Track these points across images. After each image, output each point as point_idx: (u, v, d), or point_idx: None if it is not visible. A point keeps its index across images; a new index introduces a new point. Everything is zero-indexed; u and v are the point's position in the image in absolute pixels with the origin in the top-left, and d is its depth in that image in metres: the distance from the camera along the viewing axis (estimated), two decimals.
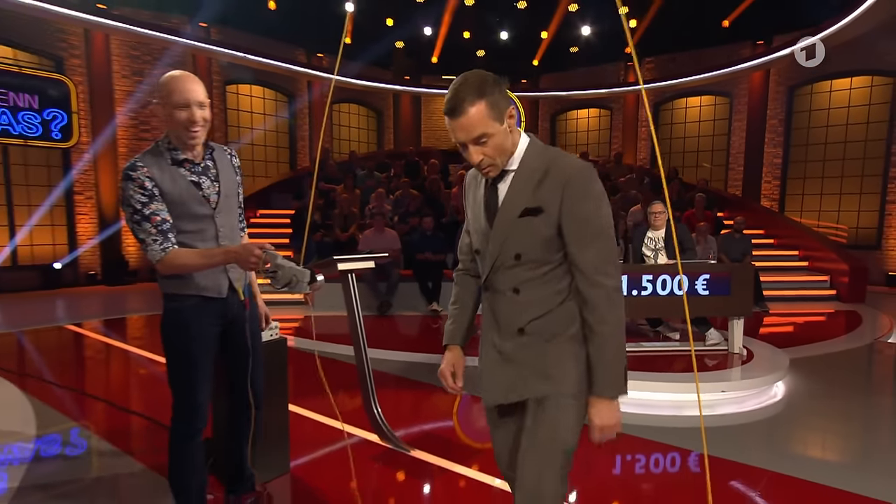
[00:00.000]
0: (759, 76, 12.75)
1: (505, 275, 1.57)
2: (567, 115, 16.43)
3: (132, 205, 1.98)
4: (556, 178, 1.48)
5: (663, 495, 2.89)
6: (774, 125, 12.85)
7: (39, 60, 10.51)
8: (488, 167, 1.51)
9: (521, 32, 13.68)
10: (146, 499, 2.75)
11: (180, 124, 2.02)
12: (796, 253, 9.93)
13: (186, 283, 2.12)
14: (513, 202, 1.53)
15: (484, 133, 1.43)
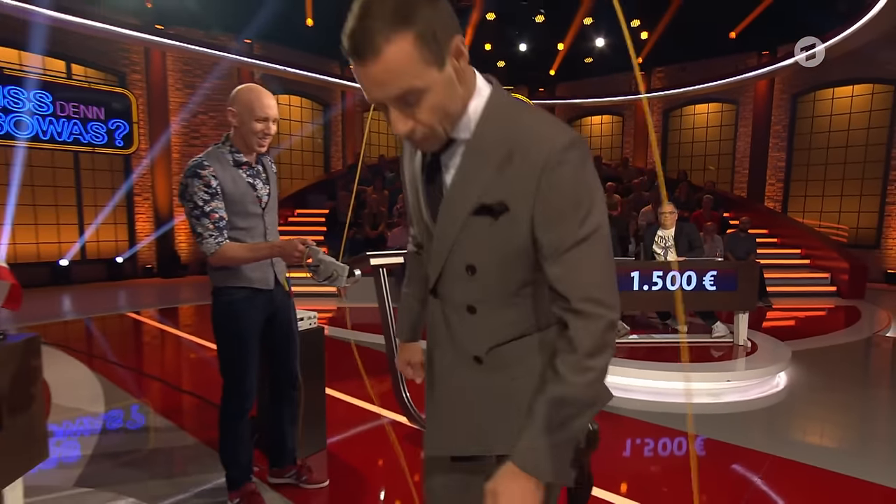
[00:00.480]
0: (763, 84, 12.48)
1: (456, 287, 1.04)
2: (581, 121, 16.29)
3: (195, 201, 2.04)
4: (528, 159, 0.89)
5: (665, 475, 2.88)
6: (778, 130, 12.58)
7: (105, 76, 10.77)
8: (424, 139, 0.91)
9: (539, 44, 13.60)
10: (199, 469, 2.82)
11: (255, 133, 2.10)
12: (798, 251, 9.73)
13: (238, 276, 2.17)
14: (463, 192, 0.94)
15: (412, 88, 0.83)
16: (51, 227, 10.28)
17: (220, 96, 11.97)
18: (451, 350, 1.10)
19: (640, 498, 2.54)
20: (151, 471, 2.82)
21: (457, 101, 0.89)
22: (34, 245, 10.08)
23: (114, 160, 10.92)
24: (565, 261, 0.90)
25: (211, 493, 2.56)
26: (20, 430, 1.85)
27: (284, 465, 2.59)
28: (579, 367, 0.90)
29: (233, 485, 2.36)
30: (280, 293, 2.33)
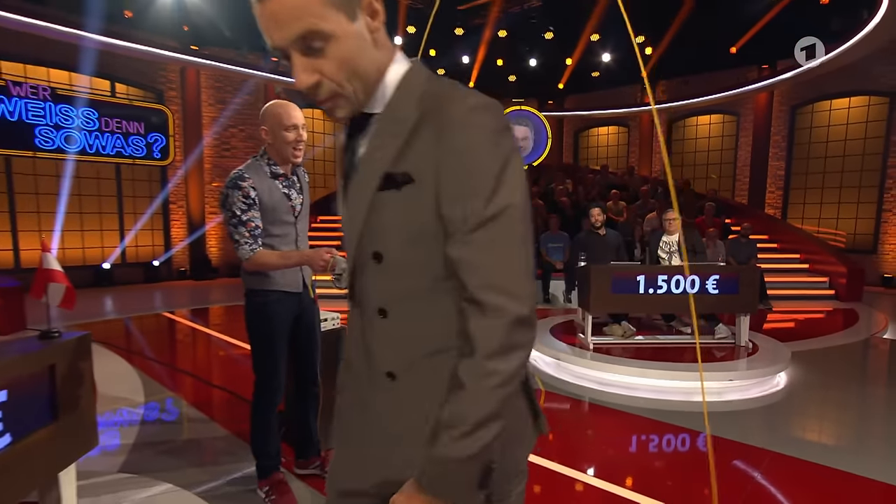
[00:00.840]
0: (763, 97, 12.36)
1: (367, 283, 0.86)
2: (589, 131, 16.24)
3: (233, 210, 2.09)
4: (434, 121, 0.75)
5: (670, 470, 2.88)
6: (778, 141, 12.44)
7: (145, 94, 10.98)
8: (331, 98, 0.80)
9: (548, 59, 13.59)
10: (230, 459, 2.88)
11: (288, 143, 2.14)
12: (798, 256, 9.57)
13: (271, 280, 2.22)
14: (371, 166, 0.80)
15: (315, 29, 0.72)
16: (95, 232, 10.49)
17: (249, 111, 12.14)
18: (365, 367, 0.90)
19: (645, 491, 2.54)
20: (187, 459, 2.88)
21: (369, 61, 0.78)
22: (80, 249, 10.30)
23: (152, 171, 11.12)
24: (467, 242, 0.74)
25: (241, 480, 2.61)
26: (73, 420, 1.92)
27: (309, 457, 2.62)
28: (479, 370, 0.73)
29: (262, 474, 2.40)
30: (306, 296, 2.38)
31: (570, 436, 3.29)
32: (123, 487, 2.51)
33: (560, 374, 4.52)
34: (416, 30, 12.39)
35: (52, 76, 9.68)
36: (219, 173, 11.97)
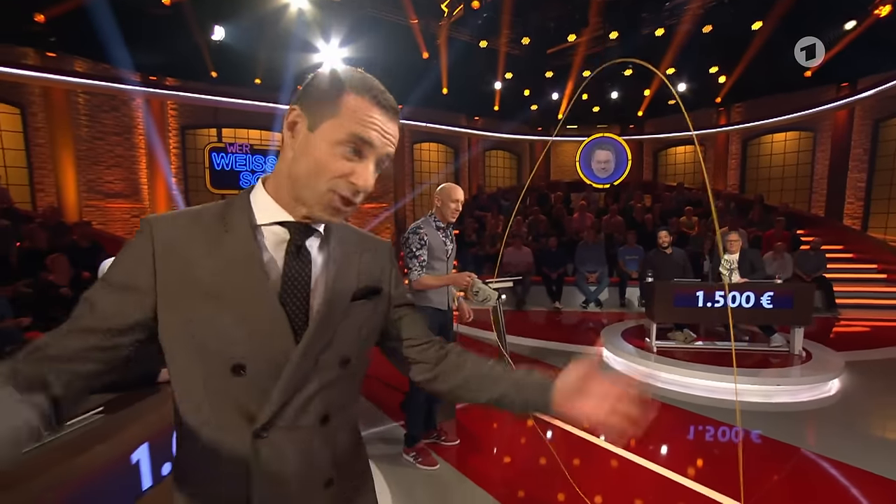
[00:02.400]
0: (843, 114, 10.98)
1: (313, 397, 0.74)
2: (667, 150, 15.40)
3: (411, 248, 2.66)
4: (368, 246, 0.86)
5: (713, 458, 2.97)
6: (859, 154, 10.97)
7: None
8: (356, 204, 0.76)
9: (628, 92, 13.16)
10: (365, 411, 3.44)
11: (452, 211, 2.71)
12: (875, 266, 8.49)
13: (428, 298, 2.72)
14: (345, 278, 0.79)
15: (391, 155, 0.78)
16: None
17: None
18: (295, 483, 0.75)
19: (692, 475, 2.70)
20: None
21: None
22: None
23: None
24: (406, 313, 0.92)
25: (379, 436, 3.16)
26: None
27: (429, 430, 3.05)
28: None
29: (410, 443, 2.84)
30: (449, 313, 2.85)
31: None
32: None
33: (628, 372, 4.60)
34: (512, 76, 12.66)
35: (251, 134, 11.40)
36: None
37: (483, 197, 12.18)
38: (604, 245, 8.57)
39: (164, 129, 9.97)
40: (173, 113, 10.35)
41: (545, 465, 2.82)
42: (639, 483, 2.61)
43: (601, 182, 12.90)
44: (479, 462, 2.86)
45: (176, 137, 10.45)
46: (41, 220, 6.36)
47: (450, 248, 2.78)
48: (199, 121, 10.72)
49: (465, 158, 15.12)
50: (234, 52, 9.25)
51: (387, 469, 2.70)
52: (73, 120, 8.81)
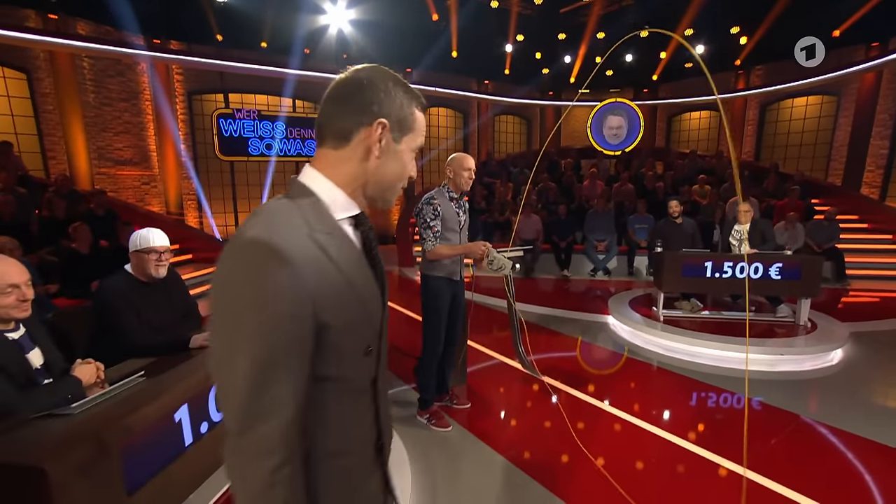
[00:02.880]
0: (871, 76, 10.60)
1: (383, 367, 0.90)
2: (681, 116, 15.05)
3: (425, 218, 2.70)
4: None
5: (716, 424, 3.11)
6: (883, 119, 10.66)
7: (315, 106, 12.33)
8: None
9: (643, 55, 12.79)
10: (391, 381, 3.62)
11: (465, 180, 2.74)
12: (889, 237, 8.42)
13: (442, 268, 2.79)
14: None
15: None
16: None
17: None
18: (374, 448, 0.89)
19: (694, 439, 2.85)
20: None
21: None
22: None
23: None
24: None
25: (393, 399, 3.33)
26: None
27: (441, 394, 3.20)
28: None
29: (424, 405, 2.99)
30: (461, 283, 2.93)
31: (640, 392, 3.61)
32: None
33: (635, 340, 4.73)
34: (524, 38, 12.32)
35: (258, 100, 11.32)
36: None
37: (493, 163, 12.08)
38: (613, 213, 8.56)
39: (170, 94, 9.92)
40: (179, 78, 10.26)
41: (552, 427, 2.98)
42: (643, 446, 2.76)
43: (612, 149, 12.72)
44: (490, 424, 3.03)
45: (183, 103, 10.41)
46: (54, 189, 6.48)
47: (463, 219, 2.83)
48: (206, 86, 10.64)
49: (474, 124, 14.91)
50: (239, 14, 9.09)
51: (402, 430, 2.87)
52: (80, 85, 8.79)
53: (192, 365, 1.84)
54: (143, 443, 1.51)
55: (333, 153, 0.83)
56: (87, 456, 1.30)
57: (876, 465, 2.55)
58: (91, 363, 1.60)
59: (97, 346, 1.96)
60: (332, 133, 0.82)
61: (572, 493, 2.28)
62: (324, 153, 0.84)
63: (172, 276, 2.28)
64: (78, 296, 4.19)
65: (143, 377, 1.65)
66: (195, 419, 1.76)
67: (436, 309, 2.81)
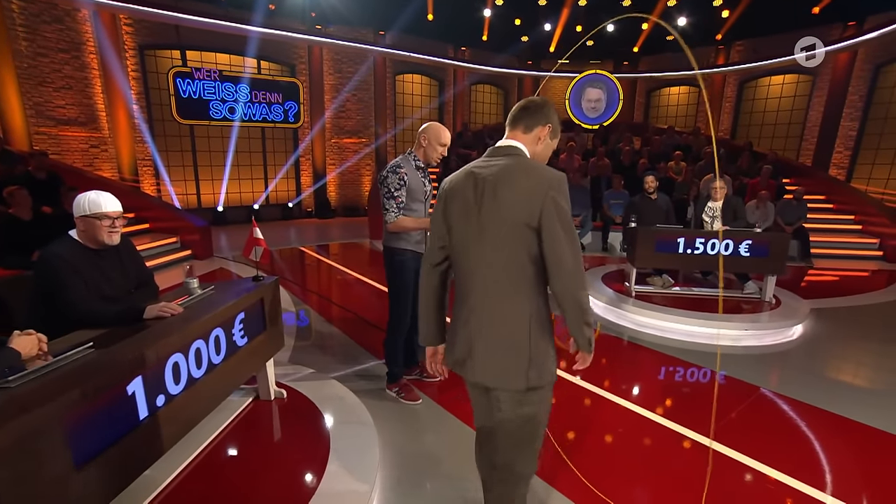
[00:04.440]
0: (846, 56, 10.93)
1: None
2: (661, 91, 15.21)
3: (389, 187, 2.62)
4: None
5: (684, 397, 3.25)
6: (854, 101, 11.08)
7: (281, 68, 11.83)
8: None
9: (625, 24, 12.71)
10: (347, 350, 3.65)
11: (437, 154, 2.68)
12: (852, 217, 8.85)
13: (407, 241, 2.75)
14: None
15: None
16: (247, 181, 11.88)
17: (361, 78, 12.68)
18: None
19: (663, 412, 2.98)
20: (321, 354, 3.68)
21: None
22: (238, 194, 11.76)
23: (287, 132, 12.16)
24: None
25: (362, 373, 3.35)
26: (273, 330, 2.69)
27: (410, 366, 3.23)
28: None
29: (392, 379, 3.00)
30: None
31: (610, 367, 3.72)
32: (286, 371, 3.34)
33: (607, 315, 4.87)
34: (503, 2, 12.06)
35: (219, 59, 10.75)
36: (336, 132, 12.81)
37: (468, 134, 11.97)
38: (589, 188, 8.66)
39: (118, 47, 9.29)
40: (128, 30, 9.62)
41: None
42: (613, 420, 2.87)
43: (590, 122, 12.77)
44: (459, 396, 3.07)
45: (134, 58, 9.79)
46: None
47: (428, 188, 2.79)
48: (160, 40, 10.01)
49: (450, 92, 14.68)
50: None
51: (371, 403, 2.89)
52: (9, 31, 8.05)
53: (146, 336, 1.77)
54: (92, 416, 1.46)
55: (522, 135, 1.48)
56: (27, 429, 1.25)
57: (829, 434, 2.73)
58: (32, 334, 1.52)
59: (39, 317, 1.87)
60: (524, 124, 1.48)
61: (541, 466, 2.36)
62: (515, 133, 1.49)
63: (125, 245, 2.18)
64: (19, 265, 3.97)
65: (92, 349, 1.59)
66: (151, 392, 1.71)
67: (402, 284, 2.79)
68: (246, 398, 2.75)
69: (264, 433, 2.49)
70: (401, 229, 2.68)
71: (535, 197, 1.30)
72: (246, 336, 2.38)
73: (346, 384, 3.09)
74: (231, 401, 2.68)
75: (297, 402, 2.80)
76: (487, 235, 1.37)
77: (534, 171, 1.34)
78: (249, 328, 2.42)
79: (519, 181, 1.33)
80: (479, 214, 1.37)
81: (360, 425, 2.56)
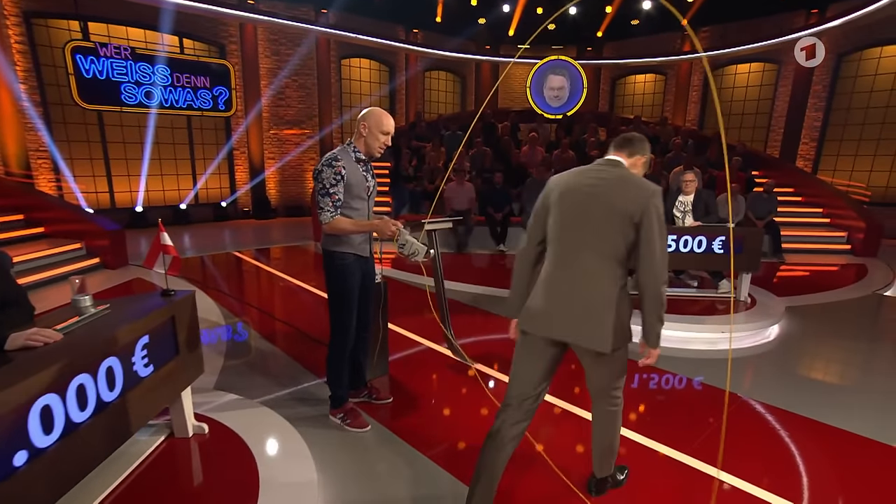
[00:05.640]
0: (809, 46, 11.54)
1: None
2: (626, 79, 15.62)
3: (324, 182, 2.45)
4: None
5: (654, 408, 3.23)
6: (818, 91, 11.75)
7: (208, 48, 11.28)
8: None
9: (588, 8, 12.99)
10: (286, 370, 3.45)
11: (379, 143, 2.55)
12: (820, 210, 9.34)
13: (349, 244, 2.59)
14: None
15: None
16: (172, 176, 11.26)
17: (301, 61, 12.30)
18: None
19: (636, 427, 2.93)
20: (255, 376, 3.44)
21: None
22: (161, 192, 11.12)
23: (217, 121, 11.62)
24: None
25: (300, 396, 3.14)
26: (188, 354, 2.45)
27: (359, 387, 3.06)
28: None
29: (336, 403, 2.81)
30: (371, 260, 2.77)
31: (579, 376, 3.65)
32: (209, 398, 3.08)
33: None
34: None
35: (130, 34, 10.10)
36: (275, 122, 12.37)
37: (422, 125, 11.82)
38: None
39: None
40: None
41: (485, 416, 2.94)
42: (584, 435, 2.79)
43: (553, 112, 12.91)
44: (415, 421, 2.93)
45: (18, 28, 8.96)
46: None
47: (371, 184, 2.65)
48: (52, 7, 9.19)
49: (401, 79, 14.50)
50: None
51: (311, 432, 2.69)
52: None
53: (7, 373, 1.52)
54: None
55: (627, 158, 1.97)
56: None
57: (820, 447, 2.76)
58: None
59: None
60: (628, 151, 1.97)
61: (506, 489, 2.25)
62: (621, 154, 1.98)
63: None
64: None
65: None
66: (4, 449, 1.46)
67: (343, 291, 2.63)
68: (156, 437, 2.50)
69: (179, 479, 2.26)
70: (338, 231, 2.53)
71: (641, 199, 1.78)
72: (152, 364, 2.14)
73: (283, 411, 2.90)
74: (135, 442, 2.42)
75: (221, 436, 2.57)
76: (592, 223, 1.84)
77: (641, 181, 1.86)
78: (157, 354, 2.18)
79: (629, 186, 1.83)
80: (589, 206, 1.85)
81: (298, 460, 2.38)
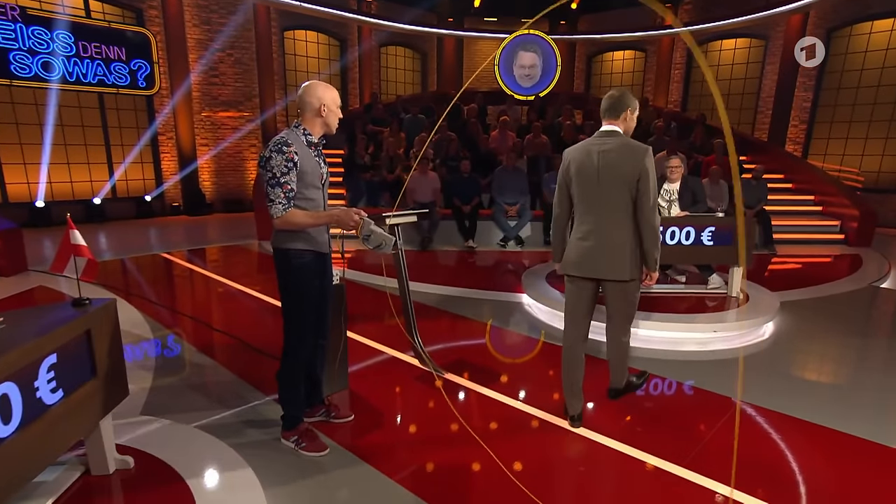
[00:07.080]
0: (797, 19, 12.06)
1: None
2: (603, 56, 15.92)
3: (273, 171, 2.36)
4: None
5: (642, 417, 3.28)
6: (807, 69, 12.24)
7: (122, 13, 10.84)
8: None
9: None
10: (227, 387, 3.33)
11: (336, 118, 2.53)
12: (812, 198, 9.75)
13: (305, 240, 2.51)
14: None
15: None
16: (82, 165, 10.76)
17: (237, 32, 11.99)
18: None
19: (617, 435, 2.95)
20: (191, 396, 3.32)
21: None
22: (69, 184, 10.60)
23: (137, 100, 11.20)
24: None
25: (247, 417, 3.05)
26: (108, 375, 2.32)
27: (314, 405, 2.99)
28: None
29: (290, 425, 2.72)
30: (329, 258, 2.71)
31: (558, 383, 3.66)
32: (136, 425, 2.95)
33: (553, 321, 4.86)
34: None
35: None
36: (208, 103, 12.01)
37: (379, 107, 11.71)
38: (526, 171, 8.78)
39: None
40: None
41: (457, 432, 2.92)
42: (562, 448, 2.80)
43: (524, 93, 13.01)
44: (379, 439, 2.87)
45: None
46: None
47: (325, 170, 2.61)
48: None
49: (354, 55, 14.35)
50: None
51: (260, 460, 2.60)
52: None
53: None
54: None
55: (615, 121, 2.80)
56: None
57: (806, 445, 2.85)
58: None
59: None
60: (614, 114, 2.79)
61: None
62: (610, 121, 2.80)
63: None
64: None
65: None
66: None
67: (299, 295, 2.56)
68: (69, 475, 2.36)
69: None
70: (292, 226, 2.45)
71: (638, 162, 2.63)
72: (61, 389, 2.01)
73: (226, 436, 2.80)
74: (39, 485, 2.28)
75: (151, 470, 2.46)
76: (604, 185, 2.70)
77: (635, 146, 2.69)
78: (67, 377, 2.05)
79: (626, 153, 2.67)
80: (599, 172, 2.70)
81: (244, 492, 2.30)
